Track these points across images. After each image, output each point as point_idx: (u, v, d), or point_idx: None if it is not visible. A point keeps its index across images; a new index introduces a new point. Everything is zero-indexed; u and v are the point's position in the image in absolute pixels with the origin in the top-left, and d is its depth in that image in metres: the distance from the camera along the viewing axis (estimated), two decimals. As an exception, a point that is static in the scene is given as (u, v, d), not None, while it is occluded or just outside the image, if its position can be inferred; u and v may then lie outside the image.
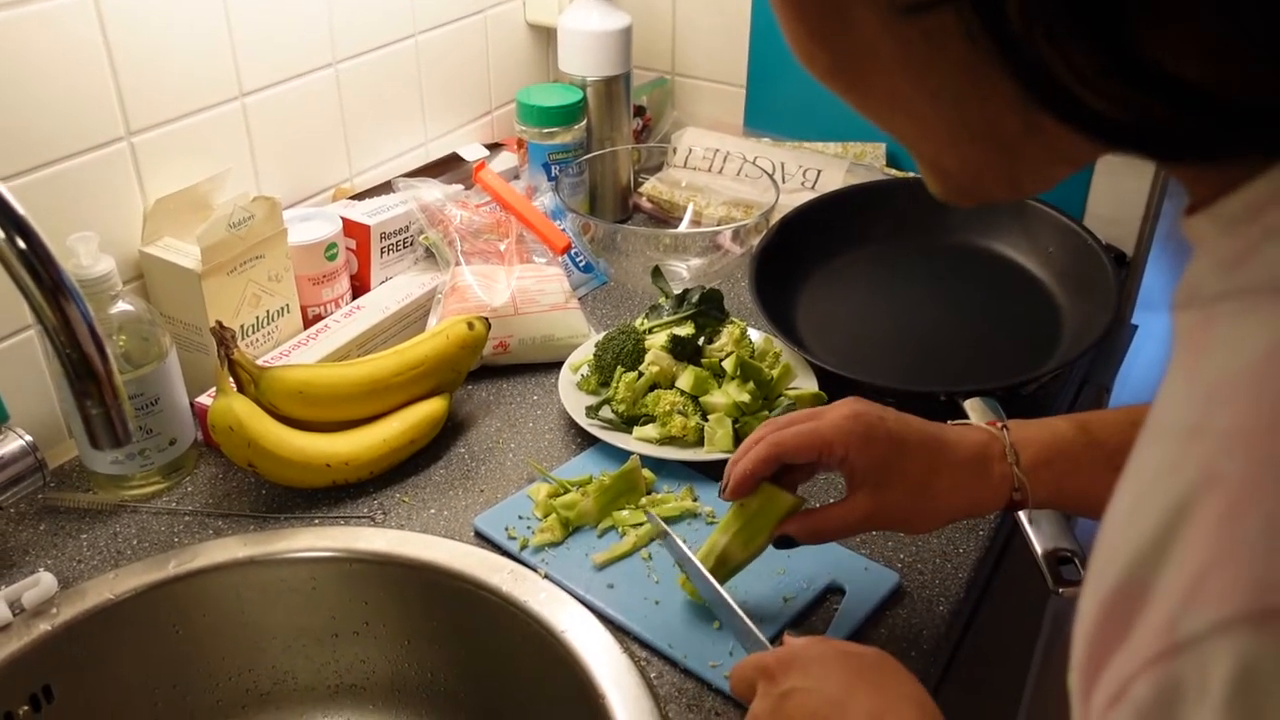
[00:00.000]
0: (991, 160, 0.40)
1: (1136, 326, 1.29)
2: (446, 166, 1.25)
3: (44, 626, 0.78)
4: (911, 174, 1.32)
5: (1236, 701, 0.28)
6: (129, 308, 0.87)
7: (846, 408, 0.72)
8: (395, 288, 1.10)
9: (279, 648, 0.88)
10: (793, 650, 0.64)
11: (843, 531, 0.73)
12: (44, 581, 0.79)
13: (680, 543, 0.76)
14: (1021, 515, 0.81)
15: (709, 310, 1.02)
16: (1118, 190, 1.24)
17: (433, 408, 0.95)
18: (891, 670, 0.63)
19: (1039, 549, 0.78)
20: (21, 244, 0.54)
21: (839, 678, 0.62)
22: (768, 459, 0.72)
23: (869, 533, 0.86)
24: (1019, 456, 0.71)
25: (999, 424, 0.73)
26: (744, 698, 0.66)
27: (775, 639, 0.76)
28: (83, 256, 0.83)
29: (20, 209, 0.55)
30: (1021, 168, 0.40)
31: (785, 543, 0.73)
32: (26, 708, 0.78)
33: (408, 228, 1.13)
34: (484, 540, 0.86)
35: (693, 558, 0.75)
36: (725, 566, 0.75)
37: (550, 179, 1.26)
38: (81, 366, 0.56)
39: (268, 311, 1.01)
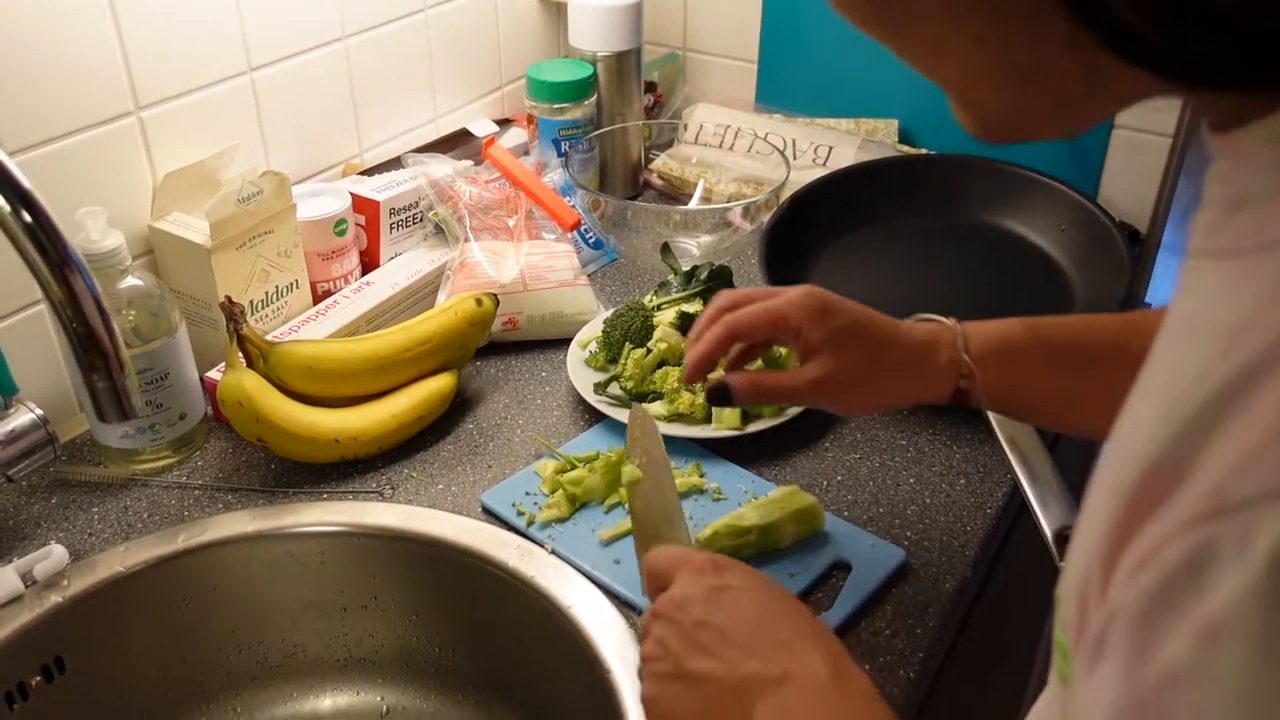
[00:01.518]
0: (1040, 102, 0.39)
1: (1150, 305, 1.28)
2: (456, 142, 1.25)
3: (55, 598, 0.79)
4: (924, 151, 1.31)
5: (1276, 571, 0.27)
6: (138, 283, 0.88)
7: (804, 288, 0.74)
8: (404, 264, 1.10)
9: (288, 621, 0.89)
10: (727, 559, 0.64)
11: (783, 395, 0.73)
12: (55, 554, 0.80)
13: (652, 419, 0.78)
14: (1029, 493, 0.81)
15: (718, 287, 1.01)
16: (1132, 167, 1.23)
17: (441, 384, 0.95)
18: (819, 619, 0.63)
19: (1046, 527, 0.77)
20: (27, 218, 0.54)
21: (777, 592, 0.62)
22: (723, 339, 0.74)
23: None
24: (968, 345, 0.72)
25: (953, 319, 0.75)
26: (660, 579, 0.63)
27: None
28: (91, 231, 0.83)
29: (26, 182, 0.55)
30: (1071, 108, 0.40)
31: (719, 395, 0.73)
32: (39, 678, 0.79)
33: (417, 203, 1.12)
34: (491, 516, 0.86)
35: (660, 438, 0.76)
36: (739, 533, 0.79)
37: (560, 155, 1.26)
38: (88, 341, 0.56)
39: (277, 287, 1.01)
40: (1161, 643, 0.30)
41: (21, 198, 0.54)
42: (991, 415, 0.90)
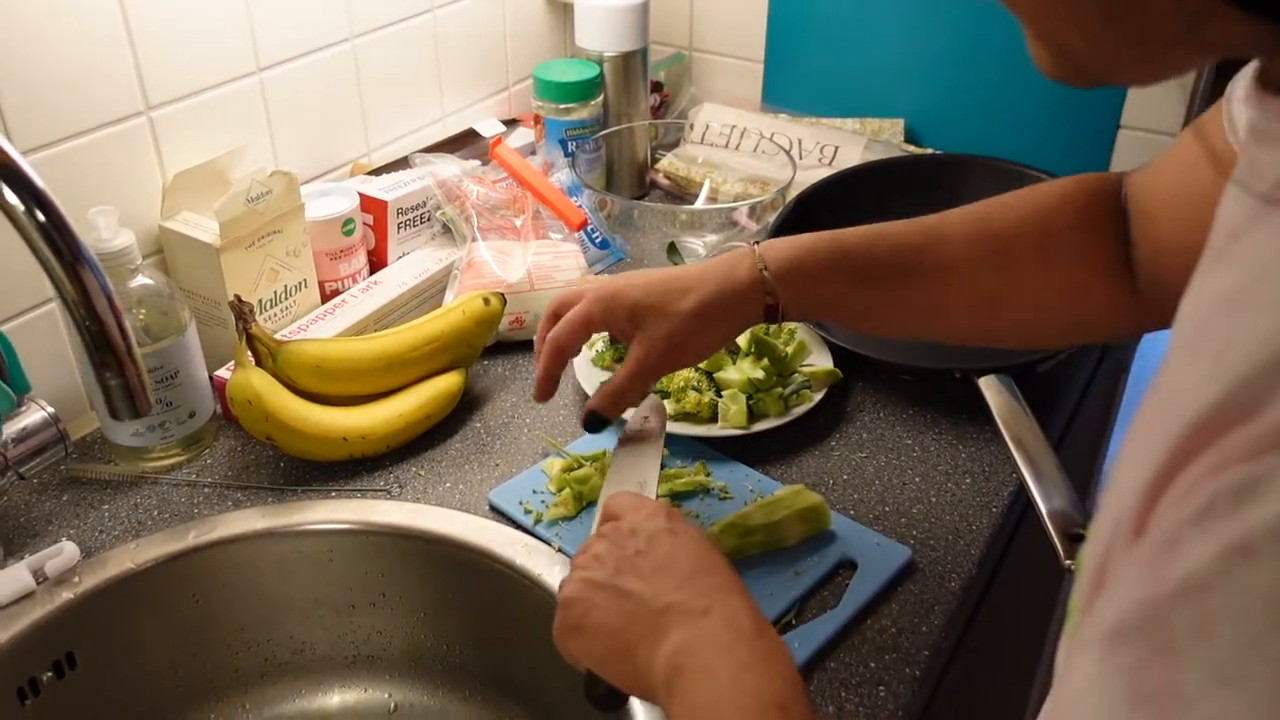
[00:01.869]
0: (1126, 40, 0.38)
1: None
2: (463, 142, 1.25)
3: (66, 595, 0.79)
4: (930, 150, 1.32)
5: None
6: (148, 281, 0.88)
7: (589, 285, 0.77)
8: (412, 263, 1.11)
9: (297, 618, 0.89)
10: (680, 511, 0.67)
11: (632, 380, 0.75)
12: (66, 550, 0.81)
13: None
14: (1034, 492, 0.81)
15: (724, 286, 1.02)
16: (1142, 160, 1.22)
17: (449, 382, 0.95)
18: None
19: (1051, 526, 0.77)
20: (41, 216, 0.55)
21: (718, 552, 0.63)
22: (552, 355, 0.78)
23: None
24: (767, 264, 0.73)
25: (752, 241, 0.76)
26: (617, 510, 0.66)
27: (786, 613, 0.77)
28: (102, 230, 0.84)
29: (40, 182, 0.55)
30: (1159, 51, 0.38)
31: (595, 421, 0.77)
32: (50, 674, 0.79)
33: (424, 203, 1.13)
34: (498, 514, 0.87)
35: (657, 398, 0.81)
36: (745, 531, 0.80)
37: (567, 155, 1.26)
38: (100, 338, 0.57)
39: (285, 286, 1.01)
40: (1183, 556, 0.29)
41: (35, 197, 0.55)
42: (997, 414, 0.90)
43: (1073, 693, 0.32)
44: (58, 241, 0.55)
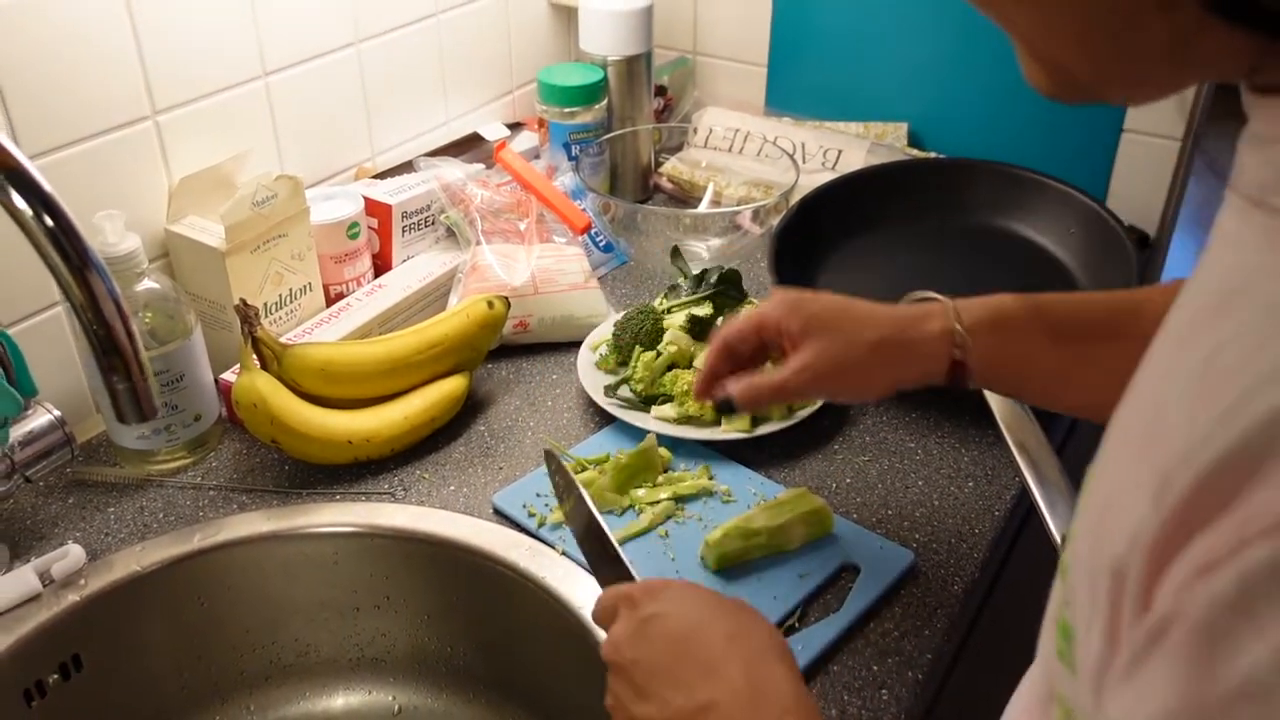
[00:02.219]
0: (1122, 59, 0.38)
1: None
2: (467, 146, 1.26)
3: (73, 597, 0.80)
4: (933, 154, 1.32)
5: None
6: (154, 285, 0.89)
7: (780, 290, 0.76)
8: (416, 266, 1.11)
9: (301, 621, 0.90)
10: (657, 581, 0.64)
11: (777, 390, 0.73)
12: (72, 553, 0.81)
13: (567, 466, 0.75)
14: (1037, 496, 0.81)
15: (727, 290, 1.02)
16: (1141, 170, 1.23)
17: (453, 386, 0.96)
18: (750, 611, 0.62)
19: (1054, 529, 0.78)
20: (49, 221, 0.55)
21: (700, 603, 0.62)
22: (719, 350, 0.77)
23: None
24: (960, 316, 0.71)
25: (946, 299, 0.74)
26: (604, 624, 0.65)
27: (789, 616, 0.77)
28: (109, 234, 0.84)
29: (48, 186, 0.56)
30: (1149, 70, 0.38)
31: (725, 407, 0.76)
32: (56, 676, 0.80)
33: (429, 207, 1.13)
34: (502, 517, 0.87)
35: (576, 480, 0.73)
36: (748, 535, 0.80)
37: (571, 158, 1.27)
38: (108, 342, 0.57)
39: (290, 290, 1.02)
40: (1236, 652, 0.28)
41: (43, 201, 0.55)
42: (1000, 418, 0.90)
43: None
44: (66, 246, 0.55)
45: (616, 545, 0.70)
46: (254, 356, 0.90)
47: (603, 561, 0.70)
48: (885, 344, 0.71)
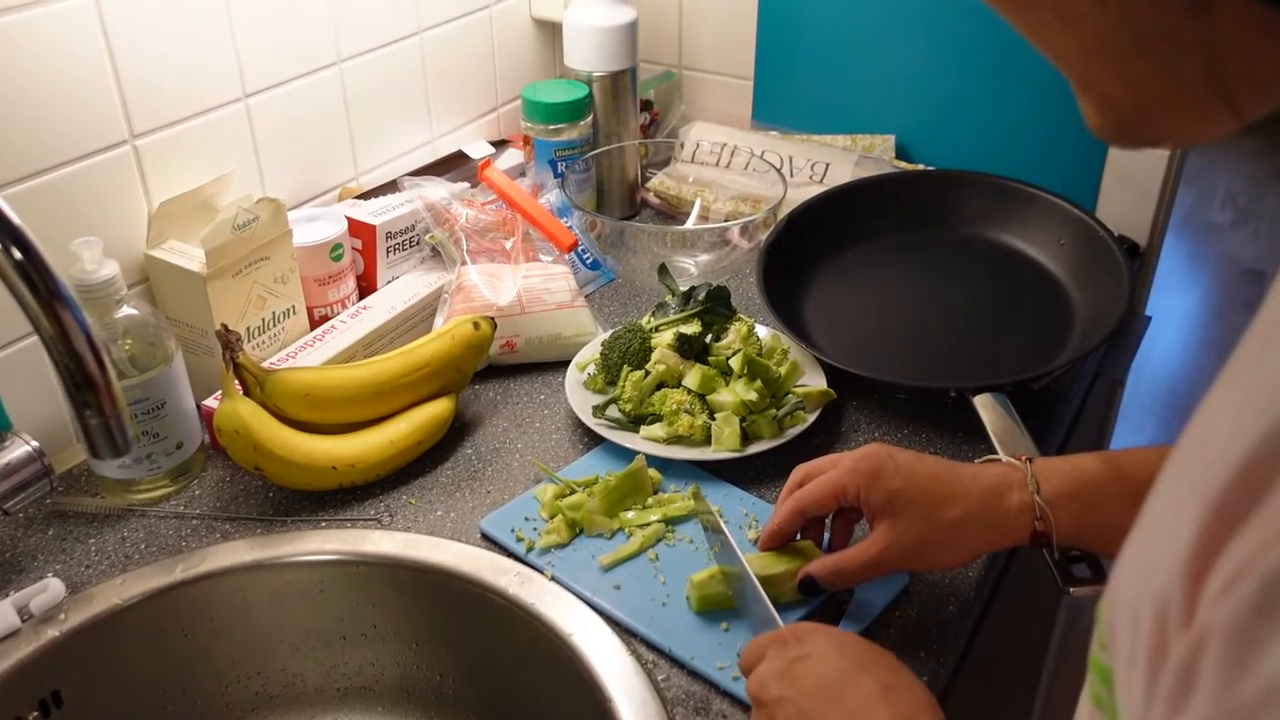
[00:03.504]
0: (1160, 84, 0.37)
1: (1150, 318, 1.28)
2: (452, 164, 1.25)
3: (52, 632, 0.78)
4: (921, 166, 1.31)
5: None
6: (134, 312, 0.87)
7: (859, 451, 0.75)
8: (402, 287, 1.10)
9: (287, 651, 0.88)
10: (809, 625, 0.66)
11: (864, 569, 0.73)
12: (52, 588, 0.79)
13: (721, 522, 0.80)
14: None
15: (715, 307, 1.01)
16: (1130, 181, 1.22)
17: (439, 409, 0.95)
18: (905, 669, 0.63)
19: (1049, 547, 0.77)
20: (17, 254, 0.54)
21: (853, 652, 0.63)
22: (794, 514, 0.77)
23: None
24: (1040, 486, 0.71)
25: (1022, 458, 0.74)
26: (750, 667, 0.65)
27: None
28: (86, 261, 0.83)
29: (16, 219, 0.55)
30: (1192, 88, 0.37)
31: (809, 587, 0.75)
32: (36, 713, 0.78)
33: (413, 227, 1.12)
34: (490, 542, 0.86)
35: (723, 527, 0.78)
36: (737, 580, 0.78)
37: (557, 176, 1.26)
38: (80, 376, 0.56)
39: (274, 313, 1.00)
40: (1261, 655, 0.27)
41: (12, 234, 0.54)
42: (992, 433, 0.89)
43: None
44: (34, 279, 0.54)
45: (761, 591, 0.72)
46: (236, 382, 0.88)
47: (752, 607, 0.74)
48: (968, 521, 0.71)
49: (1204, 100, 0.37)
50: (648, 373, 0.96)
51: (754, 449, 0.92)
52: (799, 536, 0.80)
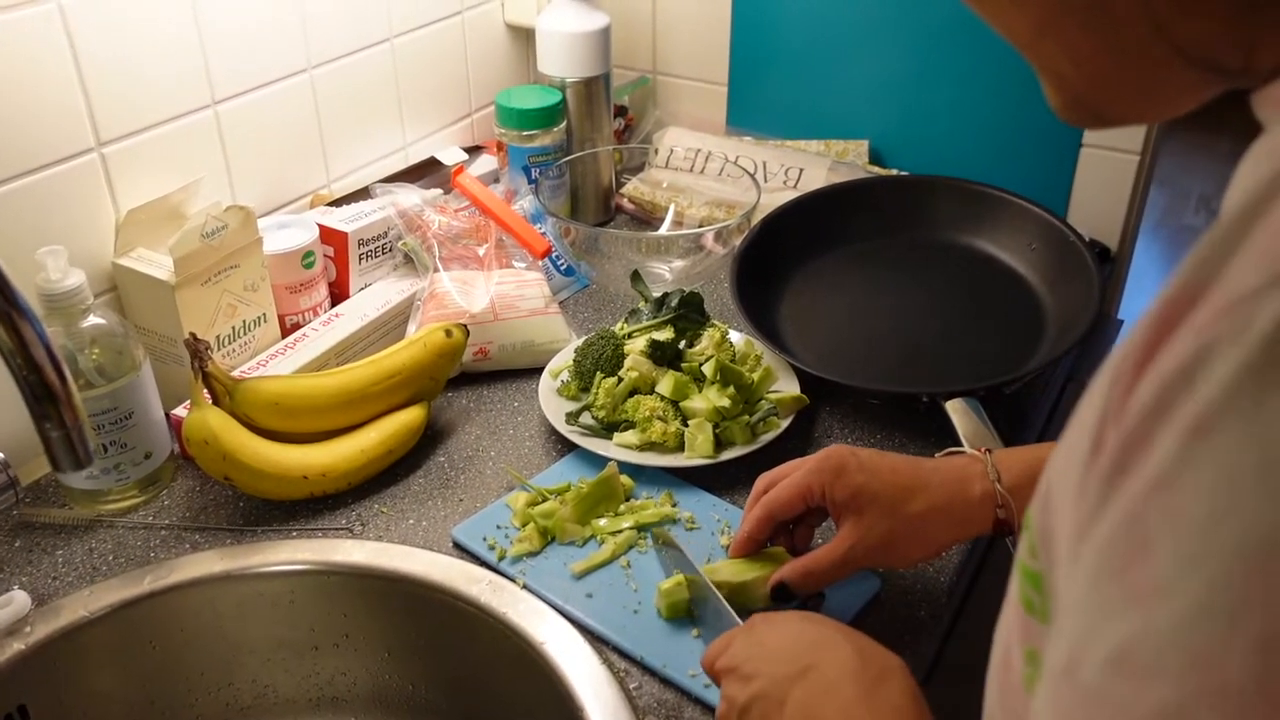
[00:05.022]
0: (1103, 51, 0.38)
1: (1123, 321, 1.29)
2: (425, 171, 1.24)
3: (18, 646, 0.77)
4: (894, 171, 1.32)
5: (1273, 346, 0.26)
6: (101, 321, 0.86)
7: (822, 452, 0.76)
8: (374, 294, 1.09)
9: (258, 661, 0.88)
10: (776, 613, 0.67)
11: (833, 568, 0.73)
12: (17, 600, 0.79)
13: (680, 544, 0.80)
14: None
15: (688, 314, 1.01)
16: (1101, 185, 1.23)
17: (410, 417, 0.94)
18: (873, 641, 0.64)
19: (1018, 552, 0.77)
20: (-25, 265, 0.53)
21: (817, 619, 0.65)
22: (762, 520, 0.77)
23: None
24: (1000, 475, 0.72)
25: (983, 449, 0.75)
26: (714, 658, 0.66)
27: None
28: (51, 271, 0.82)
29: (-26, 229, 0.54)
30: (1141, 67, 0.38)
31: (781, 594, 0.75)
32: (1, 728, 0.78)
33: (386, 234, 1.12)
34: (462, 551, 0.85)
35: (685, 550, 0.79)
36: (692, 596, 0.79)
37: (530, 182, 1.25)
38: (40, 389, 0.55)
39: (244, 321, 1.00)
40: (1150, 451, 0.29)
41: (-31, 245, 0.53)
42: (963, 435, 0.89)
43: (1067, 605, 0.32)
44: (-7, 291, 0.54)
45: (718, 595, 0.73)
46: (205, 391, 0.88)
47: (712, 614, 0.74)
48: (932, 514, 0.72)
49: (1149, 76, 0.38)
50: (621, 379, 0.96)
51: (727, 455, 0.92)
52: (770, 543, 0.80)
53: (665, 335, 0.99)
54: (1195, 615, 0.26)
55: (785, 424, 0.95)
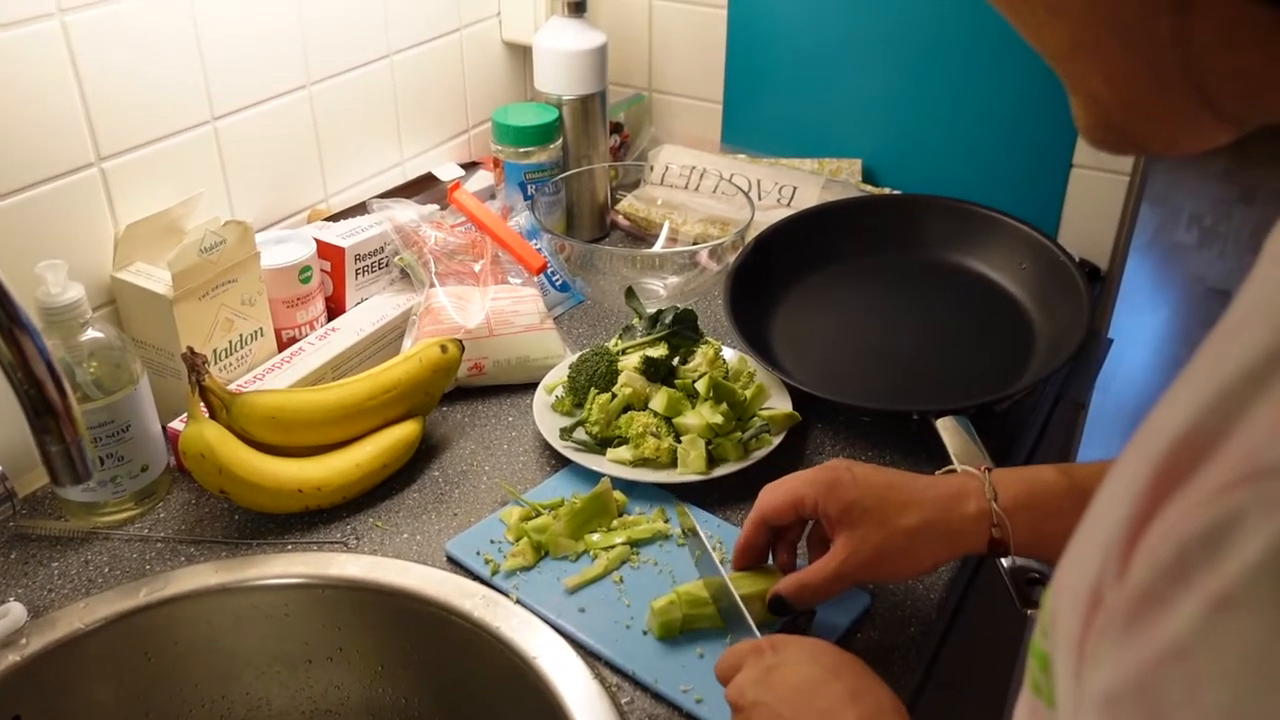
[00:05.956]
0: (1139, 75, 0.37)
1: (1112, 340, 1.30)
2: (421, 187, 1.25)
3: (13, 658, 0.78)
4: (887, 190, 1.33)
5: None
6: (99, 334, 0.87)
7: (819, 465, 0.77)
8: (370, 309, 1.10)
9: (252, 675, 0.88)
10: (784, 636, 0.69)
11: (827, 582, 0.74)
12: (13, 612, 0.79)
13: (704, 539, 0.82)
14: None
15: (682, 330, 1.02)
16: (1091, 205, 1.24)
17: (405, 431, 0.95)
18: (873, 675, 0.65)
19: (1006, 568, 0.78)
20: (-23, 281, 0.54)
21: (825, 659, 0.65)
22: (755, 524, 0.78)
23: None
24: (997, 494, 0.72)
25: (981, 468, 0.75)
26: (726, 677, 0.67)
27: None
28: (51, 285, 0.83)
29: (-23, 246, 0.55)
30: (1176, 94, 0.36)
31: (779, 606, 0.76)
32: (-4, 739, 0.78)
33: (382, 249, 1.13)
34: (456, 565, 0.86)
35: (705, 544, 0.81)
36: (697, 603, 0.79)
37: (526, 198, 1.26)
38: (40, 403, 0.56)
39: (241, 335, 1.00)
40: (1166, 616, 0.28)
41: (-28, 261, 0.54)
42: (953, 453, 0.90)
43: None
44: (-5, 306, 0.54)
45: (741, 606, 0.74)
46: (202, 405, 0.88)
47: (734, 621, 0.75)
48: (925, 529, 0.72)
49: (1186, 104, 0.37)
50: (614, 395, 0.97)
51: (719, 471, 0.93)
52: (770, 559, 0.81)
53: (659, 352, 0.99)
54: None
55: (777, 441, 0.96)
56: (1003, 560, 0.76)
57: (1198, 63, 0.35)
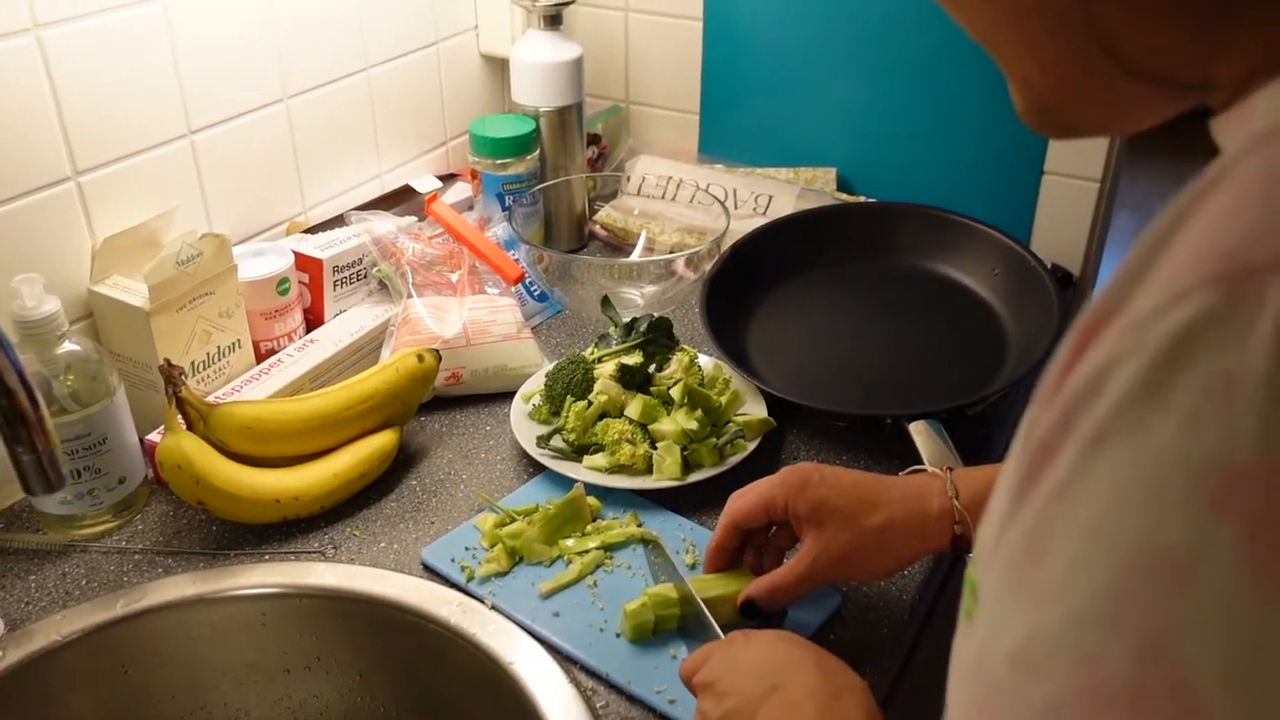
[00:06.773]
0: (1070, 67, 0.38)
1: (1086, 344, 1.31)
2: (399, 199, 1.26)
3: (-11, 670, 0.78)
4: (861, 198, 1.34)
5: (1164, 360, 0.27)
6: (76, 347, 0.87)
7: (787, 468, 0.78)
8: (349, 320, 1.11)
9: (230, 685, 0.88)
10: (751, 630, 0.70)
11: (798, 583, 0.75)
12: (-10, 624, 0.79)
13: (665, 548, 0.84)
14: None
15: (657, 338, 1.03)
16: (1063, 211, 1.26)
17: (383, 441, 0.95)
18: (838, 659, 0.66)
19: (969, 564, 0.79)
20: (-51, 293, 0.55)
21: (788, 639, 0.67)
22: (726, 528, 0.79)
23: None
24: (959, 492, 0.74)
25: (944, 467, 0.77)
26: (692, 672, 0.68)
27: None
28: (27, 298, 0.84)
29: (-52, 258, 0.55)
30: (1100, 75, 0.38)
31: (750, 610, 0.77)
32: (-28, 752, 0.78)
33: (360, 260, 1.13)
34: (432, 573, 0.86)
35: (673, 558, 0.82)
36: (668, 604, 0.79)
37: (504, 209, 1.27)
38: (11, 413, 0.56)
39: (219, 347, 1.01)
40: (1052, 464, 0.30)
41: (-56, 274, 0.55)
42: (925, 456, 0.91)
43: (982, 607, 0.34)
44: (-33, 317, 0.55)
45: (702, 606, 0.75)
46: (179, 417, 0.89)
47: (698, 629, 0.76)
48: (891, 527, 0.74)
49: (1116, 84, 0.38)
50: (590, 403, 0.97)
51: (695, 477, 0.93)
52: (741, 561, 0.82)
53: (634, 359, 1.00)
54: (1080, 617, 0.28)
55: (752, 446, 0.97)
56: (968, 557, 0.77)
57: (1117, 44, 0.36)
